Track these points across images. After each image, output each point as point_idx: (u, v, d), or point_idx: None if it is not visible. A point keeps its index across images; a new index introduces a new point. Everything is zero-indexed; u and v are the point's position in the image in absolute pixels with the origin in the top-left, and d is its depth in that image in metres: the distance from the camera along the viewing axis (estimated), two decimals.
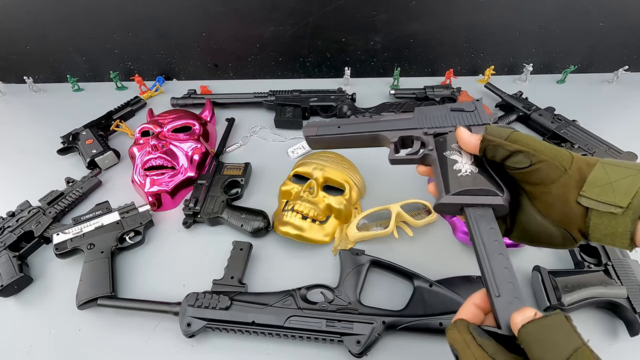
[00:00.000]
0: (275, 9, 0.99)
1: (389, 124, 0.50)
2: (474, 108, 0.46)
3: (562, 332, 0.27)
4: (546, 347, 0.27)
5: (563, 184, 0.34)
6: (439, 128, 0.47)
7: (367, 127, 0.51)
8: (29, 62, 1.12)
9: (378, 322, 0.50)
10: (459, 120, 0.46)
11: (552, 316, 0.28)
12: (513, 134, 0.38)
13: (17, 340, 0.55)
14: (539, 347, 0.27)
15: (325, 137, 0.52)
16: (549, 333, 0.27)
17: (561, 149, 0.36)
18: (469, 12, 0.99)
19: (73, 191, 0.75)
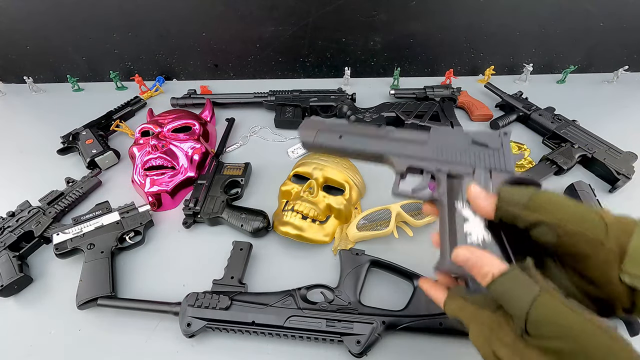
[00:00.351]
0: (275, 9, 0.99)
1: (398, 146, 0.44)
2: (499, 145, 0.40)
3: (519, 286, 0.28)
4: (509, 303, 0.28)
5: (600, 259, 0.29)
6: (455, 166, 0.40)
7: (374, 144, 0.45)
8: (29, 62, 1.12)
9: (378, 322, 0.50)
10: (479, 159, 0.40)
11: (509, 273, 0.29)
12: (534, 198, 0.32)
13: (17, 340, 0.55)
14: (505, 304, 0.29)
15: (323, 145, 0.47)
16: (509, 289, 0.29)
17: (592, 213, 0.30)
18: (469, 12, 0.99)
19: (73, 191, 0.75)
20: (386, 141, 0.44)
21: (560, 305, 0.26)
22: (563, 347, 0.25)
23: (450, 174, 0.40)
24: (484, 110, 0.93)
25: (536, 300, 0.27)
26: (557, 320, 0.26)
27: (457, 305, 0.34)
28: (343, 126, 0.48)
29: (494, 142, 0.40)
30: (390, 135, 0.45)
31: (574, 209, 0.31)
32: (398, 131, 0.45)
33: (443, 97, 0.95)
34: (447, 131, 0.43)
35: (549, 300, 0.27)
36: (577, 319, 0.26)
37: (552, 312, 0.26)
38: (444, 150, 0.42)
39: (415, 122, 0.87)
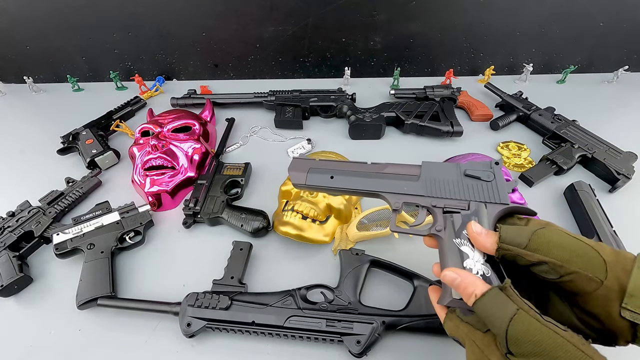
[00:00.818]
0: (275, 9, 0.99)
1: (390, 184, 0.44)
2: (492, 178, 0.40)
3: (499, 304, 0.30)
4: (491, 322, 0.31)
5: (601, 296, 0.30)
6: (449, 201, 0.41)
7: (366, 183, 0.45)
8: (29, 62, 1.12)
9: (378, 322, 0.50)
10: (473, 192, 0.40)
11: (488, 293, 0.31)
12: (534, 238, 0.33)
13: (17, 340, 0.55)
14: (487, 322, 0.31)
15: (315, 186, 0.48)
16: (490, 309, 0.31)
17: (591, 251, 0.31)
18: (468, 12, 0.99)
19: (73, 191, 0.75)
20: (379, 179, 0.45)
21: (535, 322, 0.28)
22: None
23: (446, 209, 0.41)
24: (484, 110, 0.93)
25: (513, 318, 0.29)
26: (532, 337, 0.28)
27: (454, 324, 0.36)
28: (333, 164, 0.48)
29: (486, 174, 0.41)
30: (383, 172, 0.45)
31: (574, 247, 0.32)
32: (390, 166, 0.45)
33: (443, 97, 0.95)
34: (439, 166, 0.43)
35: (525, 318, 0.29)
36: (551, 334, 0.28)
37: (528, 329, 0.28)
38: (437, 185, 0.42)
39: (415, 122, 0.87)
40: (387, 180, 0.44)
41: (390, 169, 0.45)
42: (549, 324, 0.28)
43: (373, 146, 0.87)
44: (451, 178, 0.42)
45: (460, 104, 0.97)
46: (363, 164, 0.47)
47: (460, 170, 0.42)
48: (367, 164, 0.47)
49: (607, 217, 0.64)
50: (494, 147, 0.85)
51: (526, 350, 0.28)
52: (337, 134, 0.91)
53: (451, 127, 0.85)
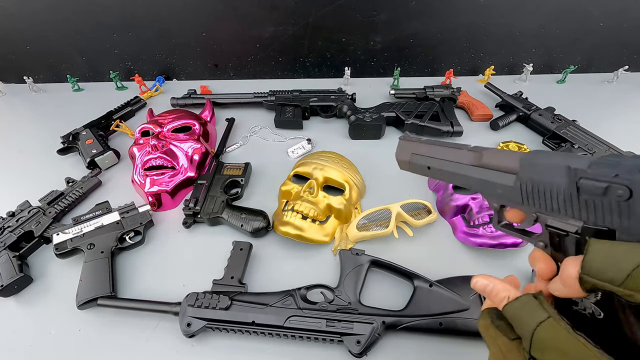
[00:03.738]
0: (275, 9, 0.99)
1: (485, 183, 0.36)
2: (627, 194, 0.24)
3: (530, 309, 0.28)
4: (519, 323, 0.29)
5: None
6: (553, 218, 0.30)
7: (462, 179, 0.39)
8: (29, 62, 1.12)
9: (378, 322, 0.50)
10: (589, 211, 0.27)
11: (521, 297, 0.30)
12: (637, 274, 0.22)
13: (17, 340, 0.55)
14: (515, 324, 0.30)
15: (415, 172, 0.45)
16: (520, 311, 0.29)
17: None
18: (469, 12, 0.99)
19: (73, 191, 0.75)
20: (474, 174, 0.37)
21: (564, 332, 0.26)
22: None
23: (549, 225, 0.31)
24: (484, 110, 0.93)
25: (542, 323, 0.27)
26: (559, 345, 0.26)
27: (484, 324, 0.34)
28: (434, 149, 0.42)
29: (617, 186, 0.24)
30: (480, 164, 0.36)
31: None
32: (487, 154, 0.36)
33: (443, 97, 0.95)
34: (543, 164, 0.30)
35: (554, 326, 0.27)
36: (580, 347, 0.25)
37: (556, 337, 0.26)
38: (537, 192, 0.31)
39: (415, 122, 0.87)
40: (483, 177, 0.36)
41: (487, 158, 0.36)
42: (579, 337, 0.26)
43: (373, 146, 0.87)
44: (558, 183, 0.29)
45: (460, 104, 0.97)
46: (460, 151, 0.39)
47: (572, 175, 0.27)
48: (464, 151, 0.39)
49: None
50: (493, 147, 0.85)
51: (550, 358, 0.26)
52: (337, 134, 0.91)
53: (451, 127, 0.85)
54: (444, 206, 0.69)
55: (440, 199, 0.71)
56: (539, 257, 0.32)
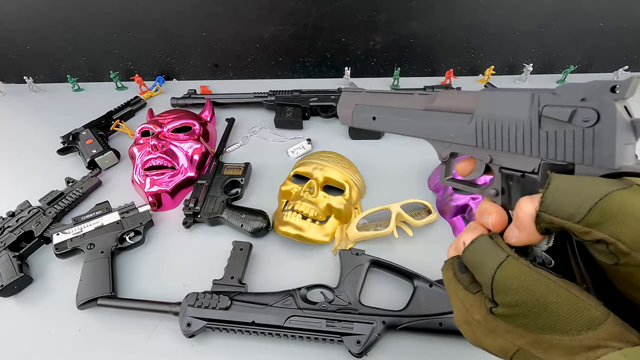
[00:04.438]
0: (275, 9, 0.99)
1: (436, 128, 0.34)
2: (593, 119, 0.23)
3: (487, 251, 0.27)
4: (477, 268, 0.28)
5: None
6: (509, 158, 0.28)
7: (409, 126, 0.36)
8: (29, 62, 1.12)
9: (378, 322, 0.50)
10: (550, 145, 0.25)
11: (477, 240, 0.28)
12: (601, 205, 0.21)
13: (17, 340, 0.55)
14: (474, 270, 0.28)
15: (360, 127, 0.41)
16: (478, 255, 0.28)
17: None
18: (469, 12, 0.99)
19: (73, 191, 0.75)
20: (425, 119, 0.34)
21: (526, 268, 0.25)
22: (528, 310, 0.24)
23: (503, 168, 0.29)
24: None
25: (501, 264, 0.26)
26: (521, 283, 0.25)
27: (447, 277, 0.32)
28: (378, 98, 0.39)
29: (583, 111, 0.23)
30: (431, 108, 0.34)
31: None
32: (440, 97, 0.34)
33: None
34: (502, 96, 0.28)
35: (515, 264, 0.26)
36: (543, 279, 0.24)
37: (517, 275, 0.25)
38: (494, 129, 0.29)
39: None
40: (433, 121, 0.34)
41: (439, 101, 0.33)
42: (540, 271, 0.25)
43: (373, 146, 0.87)
44: (519, 117, 0.27)
45: None
46: (410, 96, 0.36)
47: (535, 104, 0.26)
48: (414, 96, 0.36)
49: None
50: None
51: (513, 298, 0.25)
52: (337, 134, 0.91)
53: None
54: (444, 206, 0.69)
55: (440, 199, 0.71)
56: (489, 208, 0.30)
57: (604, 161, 0.23)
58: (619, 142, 0.22)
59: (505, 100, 0.28)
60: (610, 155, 0.22)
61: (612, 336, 0.22)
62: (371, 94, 0.40)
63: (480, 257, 0.28)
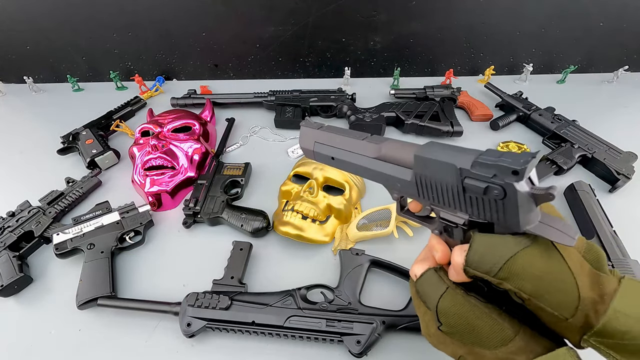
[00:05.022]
0: (275, 9, 0.99)
1: (385, 176, 0.36)
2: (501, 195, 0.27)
3: (432, 284, 0.35)
4: (426, 296, 0.36)
5: (562, 327, 0.30)
6: (445, 211, 0.33)
7: (363, 172, 0.39)
8: (29, 62, 1.12)
9: (378, 322, 0.50)
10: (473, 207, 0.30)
11: (425, 273, 0.36)
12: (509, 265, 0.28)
13: (17, 340, 0.55)
14: (424, 297, 0.36)
15: (320, 161, 0.44)
16: (426, 286, 0.36)
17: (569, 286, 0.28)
18: (468, 12, 0.99)
19: (73, 191, 0.75)
20: (375, 166, 0.37)
21: (460, 297, 0.33)
22: (462, 329, 0.33)
23: (441, 218, 0.34)
24: (484, 110, 0.93)
25: (443, 295, 0.34)
26: (457, 309, 0.33)
27: (412, 293, 0.39)
28: (335, 140, 0.41)
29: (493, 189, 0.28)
30: (380, 155, 0.37)
31: (552, 278, 0.28)
32: (386, 146, 0.36)
33: (443, 97, 0.95)
34: (433, 161, 0.31)
35: (452, 294, 0.34)
36: (472, 307, 0.33)
37: (454, 303, 0.33)
38: (430, 187, 0.33)
39: (415, 122, 0.87)
40: (382, 170, 0.36)
41: (385, 150, 0.36)
42: (470, 299, 0.33)
43: None
44: (447, 181, 0.31)
45: (460, 104, 0.97)
46: (361, 142, 0.38)
47: (458, 175, 0.30)
48: (364, 142, 0.38)
49: (607, 217, 0.64)
50: (494, 147, 0.85)
51: (452, 321, 0.33)
52: None
53: (451, 127, 0.85)
54: None
55: None
56: (436, 246, 0.36)
57: (513, 226, 0.29)
58: (521, 213, 0.28)
59: (436, 165, 0.31)
60: (516, 223, 0.28)
61: (519, 350, 0.31)
62: (327, 134, 0.42)
63: (427, 288, 0.36)
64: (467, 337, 0.33)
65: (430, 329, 0.36)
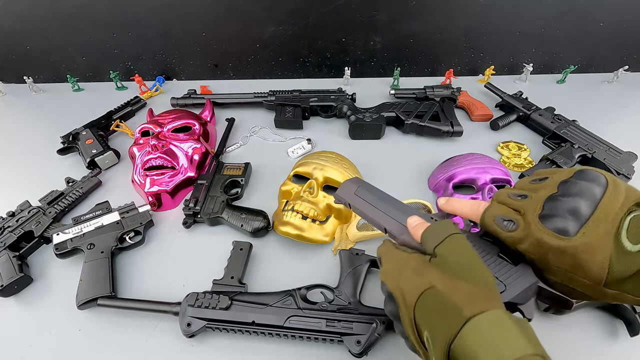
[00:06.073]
0: (275, 8, 0.99)
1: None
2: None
3: (441, 229, 0.36)
4: (429, 241, 0.36)
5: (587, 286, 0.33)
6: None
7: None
8: (29, 62, 1.12)
9: (378, 322, 0.50)
10: None
11: (434, 224, 0.37)
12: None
13: (17, 340, 0.55)
14: (425, 243, 0.36)
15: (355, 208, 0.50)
16: (433, 232, 0.36)
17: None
18: (468, 12, 0.99)
19: (73, 191, 0.75)
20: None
21: (464, 239, 0.35)
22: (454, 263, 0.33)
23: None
24: (484, 110, 0.93)
25: (450, 235, 0.35)
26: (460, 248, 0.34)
27: (385, 247, 0.41)
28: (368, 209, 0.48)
29: None
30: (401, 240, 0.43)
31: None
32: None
33: (443, 97, 0.95)
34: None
35: (459, 237, 0.35)
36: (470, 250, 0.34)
37: (457, 242, 0.34)
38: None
39: (415, 122, 0.87)
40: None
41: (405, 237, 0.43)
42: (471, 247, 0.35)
43: (373, 146, 0.88)
44: None
45: (460, 104, 0.97)
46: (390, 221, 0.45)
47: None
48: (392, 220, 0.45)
49: None
50: (494, 147, 0.85)
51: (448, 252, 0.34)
52: (337, 134, 0.91)
53: (451, 127, 0.85)
54: None
55: None
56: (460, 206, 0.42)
57: None
58: None
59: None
60: None
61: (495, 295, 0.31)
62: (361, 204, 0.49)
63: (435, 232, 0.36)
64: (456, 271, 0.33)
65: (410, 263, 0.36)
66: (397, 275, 0.36)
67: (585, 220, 0.31)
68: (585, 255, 0.31)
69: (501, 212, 0.37)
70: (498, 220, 0.36)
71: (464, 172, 0.69)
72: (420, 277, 0.34)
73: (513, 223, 0.35)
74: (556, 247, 0.32)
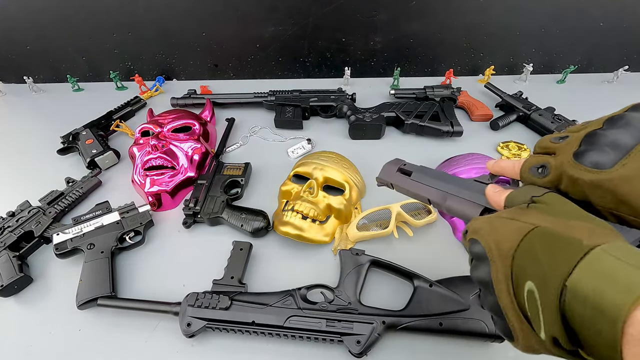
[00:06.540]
0: (275, 9, 0.99)
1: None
2: None
3: (530, 188, 0.33)
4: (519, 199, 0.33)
5: None
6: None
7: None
8: (29, 62, 1.12)
9: (378, 322, 0.50)
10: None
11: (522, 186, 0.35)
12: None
13: (17, 340, 0.55)
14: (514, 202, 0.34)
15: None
16: (522, 192, 0.34)
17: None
18: (468, 12, 0.99)
19: (73, 191, 0.75)
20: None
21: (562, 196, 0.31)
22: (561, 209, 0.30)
23: None
24: (484, 110, 0.93)
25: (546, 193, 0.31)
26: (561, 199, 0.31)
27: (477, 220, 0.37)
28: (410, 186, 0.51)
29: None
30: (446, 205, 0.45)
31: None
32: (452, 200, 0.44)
33: (443, 97, 0.95)
34: None
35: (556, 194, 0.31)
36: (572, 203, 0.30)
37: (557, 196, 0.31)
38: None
39: (415, 122, 0.87)
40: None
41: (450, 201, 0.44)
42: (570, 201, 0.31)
43: (373, 146, 0.88)
44: None
45: (460, 104, 0.97)
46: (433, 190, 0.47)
47: None
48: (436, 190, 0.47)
49: None
50: (494, 147, 0.85)
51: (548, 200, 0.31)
52: (337, 134, 0.91)
53: (451, 127, 0.85)
54: None
55: None
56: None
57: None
58: None
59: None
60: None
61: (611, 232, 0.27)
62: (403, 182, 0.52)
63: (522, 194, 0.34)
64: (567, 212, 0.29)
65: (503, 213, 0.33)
66: (490, 227, 0.32)
67: (627, 152, 0.28)
68: (624, 188, 0.28)
69: (535, 161, 0.35)
70: (532, 170, 0.34)
71: (464, 172, 0.69)
72: (519, 222, 0.30)
73: (545, 168, 0.33)
74: (589, 182, 0.29)
